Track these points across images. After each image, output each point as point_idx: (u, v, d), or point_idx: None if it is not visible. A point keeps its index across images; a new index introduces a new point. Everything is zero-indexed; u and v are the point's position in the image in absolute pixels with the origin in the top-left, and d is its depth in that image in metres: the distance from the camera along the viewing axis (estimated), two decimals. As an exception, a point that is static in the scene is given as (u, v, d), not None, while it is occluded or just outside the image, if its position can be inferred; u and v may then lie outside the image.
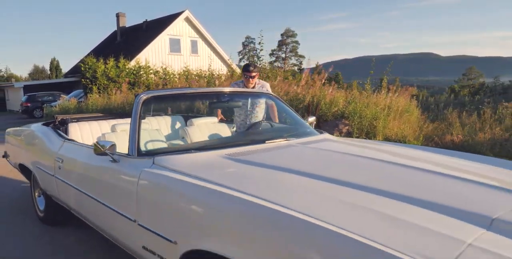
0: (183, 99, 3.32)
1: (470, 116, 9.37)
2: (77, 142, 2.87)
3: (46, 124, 3.61)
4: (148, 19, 24.56)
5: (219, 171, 1.76)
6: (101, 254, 2.79)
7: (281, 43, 64.53)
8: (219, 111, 3.79)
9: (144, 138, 2.76)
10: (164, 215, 1.65)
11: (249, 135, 2.65)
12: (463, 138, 8.41)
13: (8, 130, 4.26)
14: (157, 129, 3.09)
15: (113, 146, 2.01)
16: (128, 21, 26.27)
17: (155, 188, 1.77)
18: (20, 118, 19.86)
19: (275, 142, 2.30)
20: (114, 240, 2.22)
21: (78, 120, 3.65)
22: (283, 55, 64.12)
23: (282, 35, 64.52)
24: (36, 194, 3.59)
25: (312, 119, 3.00)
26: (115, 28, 25.85)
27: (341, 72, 42.84)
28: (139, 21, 26.44)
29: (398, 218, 1.22)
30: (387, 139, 8.31)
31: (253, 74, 3.64)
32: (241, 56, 58.55)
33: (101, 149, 1.98)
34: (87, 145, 2.67)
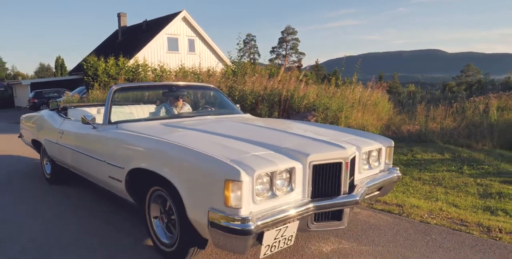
0: (143, 90, 4.50)
1: (436, 110, 10.43)
2: (73, 119, 4.06)
3: (52, 110, 4.80)
4: (148, 19, 25.71)
5: (152, 130, 2.92)
6: (93, 202, 4.01)
7: (281, 41, 65.66)
8: (181, 100, 4.61)
9: (120, 117, 3.95)
10: (119, 154, 2.82)
11: (186, 113, 3.79)
12: (419, 127, 9.52)
13: (22, 116, 5.52)
14: (130, 112, 4.27)
15: (94, 118, 3.20)
16: (129, 21, 27.50)
17: (115, 140, 2.94)
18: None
19: (201, 117, 3.47)
20: (92, 178, 3.42)
21: (75, 107, 4.83)
22: (284, 53, 65.29)
23: (282, 32, 65.66)
24: (44, 161, 4.80)
25: (238, 105, 4.16)
26: (117, 28, 27.06)
27: (338, 70, 43.72)
28: (140, 20, 27.57)
29: (228, 146, 2.38)
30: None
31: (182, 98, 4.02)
32: (242, 53, 59.68)
33: (85, 120, 3.16)
34: (78, 120, 3.86)
